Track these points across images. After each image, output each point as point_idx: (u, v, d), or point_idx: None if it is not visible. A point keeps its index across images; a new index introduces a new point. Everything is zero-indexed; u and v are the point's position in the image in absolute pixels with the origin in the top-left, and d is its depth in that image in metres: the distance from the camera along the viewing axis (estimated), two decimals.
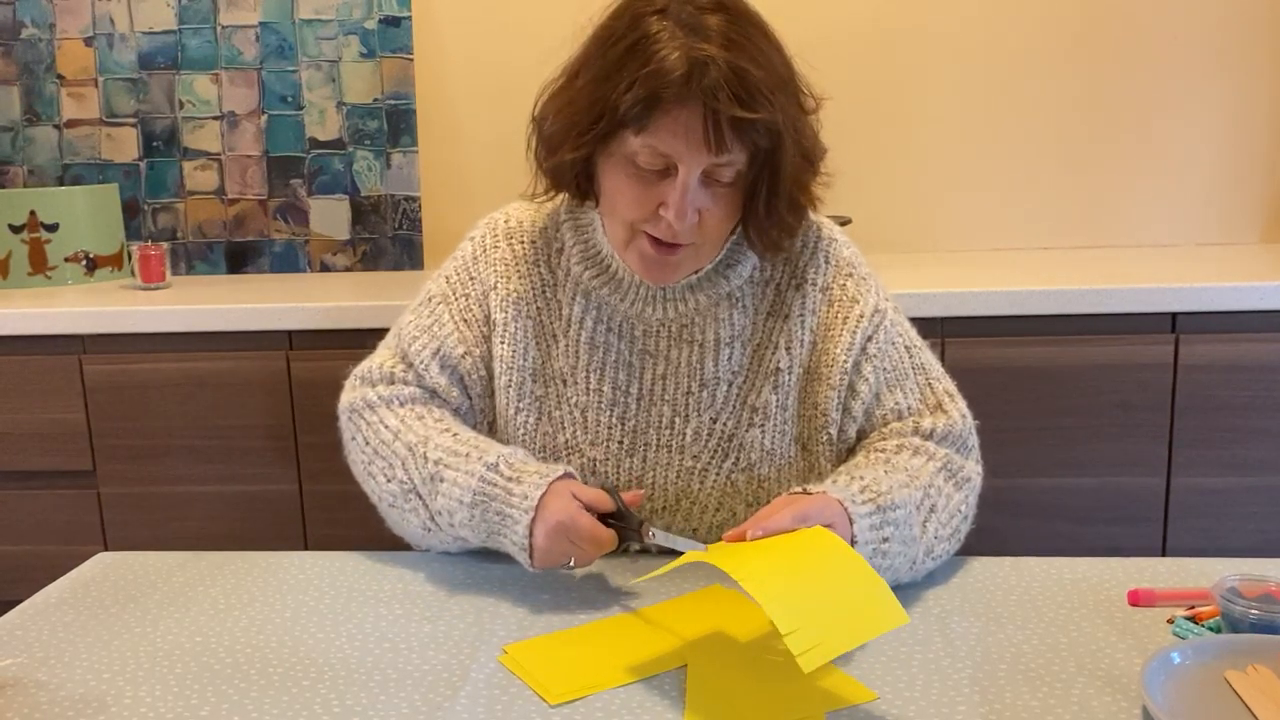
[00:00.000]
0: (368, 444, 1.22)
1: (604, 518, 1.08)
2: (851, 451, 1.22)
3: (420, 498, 1.16)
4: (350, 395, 1.27)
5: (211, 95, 2.40)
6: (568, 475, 1.11)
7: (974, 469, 1.20)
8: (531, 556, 1.08)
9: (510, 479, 1.09)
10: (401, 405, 1.22)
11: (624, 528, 1.08)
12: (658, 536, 1.07)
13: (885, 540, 1.04)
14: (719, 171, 1.08)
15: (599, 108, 1.08)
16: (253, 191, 2.42)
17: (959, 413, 1.20)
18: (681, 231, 1.10)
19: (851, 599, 0.90)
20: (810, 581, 0.91)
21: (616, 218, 1.15)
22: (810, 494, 1.05)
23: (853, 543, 1.01)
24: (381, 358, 1.28)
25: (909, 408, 1.20)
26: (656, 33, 1.06)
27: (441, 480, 1.13)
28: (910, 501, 1.08)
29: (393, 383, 1.25)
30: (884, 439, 1.18)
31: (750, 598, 0.88)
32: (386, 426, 1.21)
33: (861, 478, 1.08)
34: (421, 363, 1.24)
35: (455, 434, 1.17)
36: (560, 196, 1.23)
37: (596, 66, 1.09)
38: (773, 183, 1.10)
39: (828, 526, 0.99)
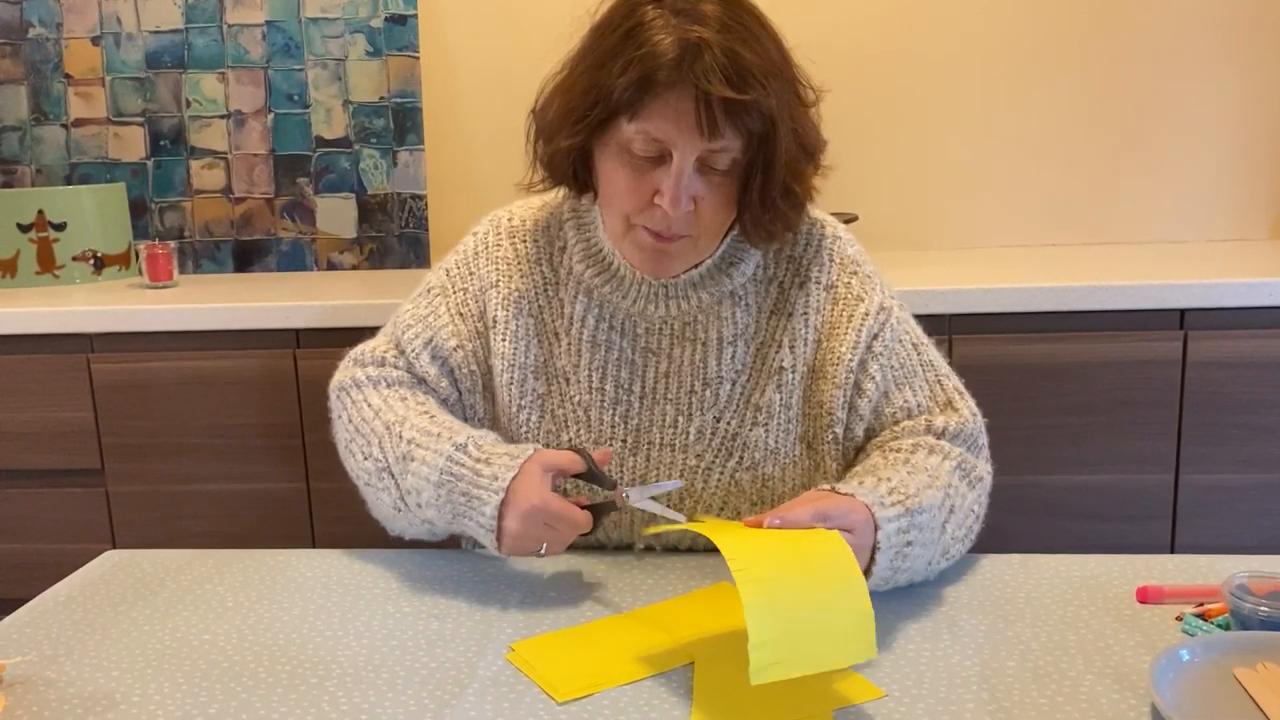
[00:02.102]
0: (350, 422, 1.23)
1: (578, 479, 1.08)
2: (860, 450, 1.21)
3: (392, 476, 1.16)
4: (341, 375, 1.28)
5: (218, 94, 2.40)
6: (536, 452, 1.10)
7: (985, 469, 1.19)
8: (500, 540, 1.07)
9: (479, 460, 1.09)
10: (388, 387, 1.23)
11: (597, 500, 1.08)
12: (632, 498, 1.07)
13: (909, 544, 1.03)
14: (714, 158, 1.08)
15: (594, 94, 1.08)
16: (259, 190, 2.42)
17: (969, 410, 1.20)
18: (676, 221, 1.10)
19: (833, 623, 0.87)
20: (801, 593, 0.89)
21: (613, 209, 1.15)
22: (838, 494, 1.04)
23: (874, 548, 1.00)
24: (376, 342, 1.29)
25: (919, 405, 1.19)
26: (652, 19, 1.06)
27: (412, 459, 1.13)
28: (934, 504, 1.07)
29: (383, 365, 1.26)
30: (897, 438, 1.17)
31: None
32: (369, 405, 1.21)
33: (888, 480, 1.07)
34: (413, 351, 1.24)
35: (433, 416, 1.17)
36: (561, 193, 1.23)
37: (592, 55, 1.10)
38: (767, 170, 1.09)
39: (847, 530, 0.97)
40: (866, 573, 0.99)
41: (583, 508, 1.08)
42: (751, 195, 1.11)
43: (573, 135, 1.11)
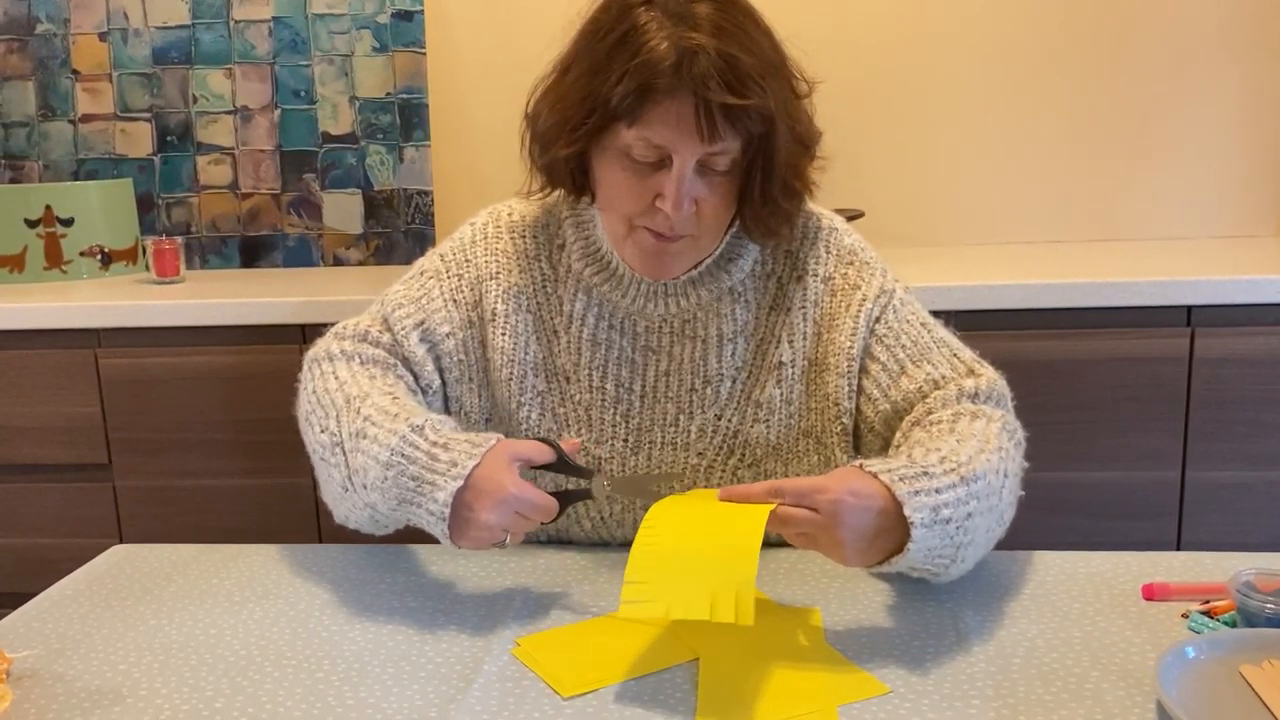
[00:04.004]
0: (314, 393, 1.17)
1: (549, 469, 1.05)
2: (873, 433, 1.18)
3: (344, 453, 1.09)
4: (317, 346, 1.23)
5: (225, 90, 2.40)
6: (500, 441, 1.05)
7: (1020, 427, 1.14)
8: (458, 530, 1.01)
9: (436, 444, 1.03)
10: (360, 364, 1.18)
11: (571, 492, 1.06)
12: (611, 487, 1.07)
13: (969, 515, 0.98)
14: (714, 160, 1.08)
15: (590, 102, 1.07)
16: (266, 186, 2.43)
17: (993, 373, 1.17)
18: (679, 223, 1.09)
19: (708, 581, 0.89)
20: (686, 550, 0.93)
21: (613, 212, 1.14)
22: (863, 472, 0.98)
23: (909, 522, 0.95)
24: (361, 318, 1.25)
25: (943, 376, 1.15)
26: (645, 23, 1.05)
27: (364, 436, 1.06)
28: (990, 468, 1.02)
29: (364, 341, 1.21)
30: (932, 410, 1.13)
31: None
32: (335, 377, 1.16)
33: (938, 449, 1.02)
34: (403, 330, 1.21)
35: (395, 398, 1.11)
36: (559, 192, 1.22)
37: (586, 60, 1.09)
38: (767, 169, 1.09)
39: (812, 509, 0.94)
40: (901, 549, 0.95)
41: (551, 494, 1.04)
42: (753, 194, 1.10)
43: (571, 144, 1.10)
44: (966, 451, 1.02)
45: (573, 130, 1.10)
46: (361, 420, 1.08)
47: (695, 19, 1.05)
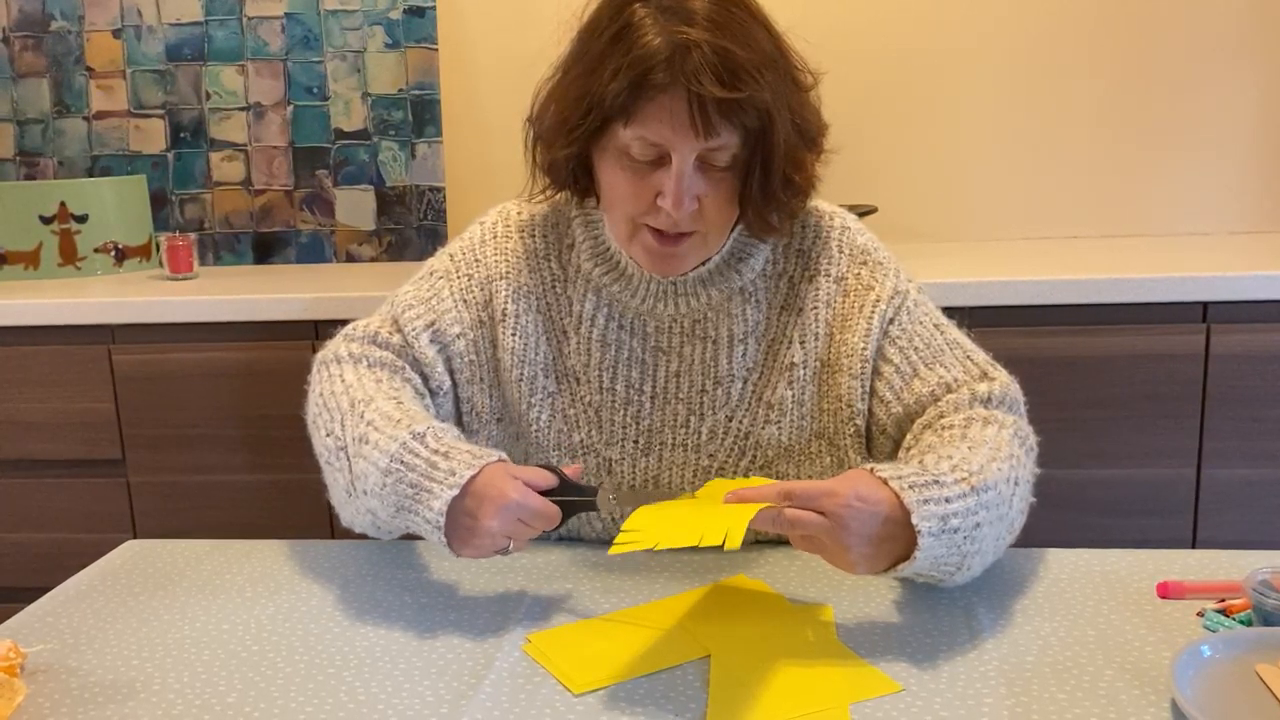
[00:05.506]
0: (321, 396, 1.17)
1: (552, 493, 1.04)
2: (884, 436, 1.18)
3: (348, 458, 1.09)
4: (327, 348, 1.23)
5: (238, 86, 2.41)
6: (501, 459, 1.04)
7: (1033, 433, 1.14)
8: (460, 538, 1.01)
9: (436, 451, 1.02)
10: (368, 367, 1.18)
11: (575, 501, 1.05)
12: (620, 500, 1.07)
13: (978, 525, 0.97)
14: (713, 156, 1.07)
15: (587, 101, 1.07)
16: (279, 182, 2.43)
17: (1006, 376, 1.16)
18: (681, 220, 1.09)
19: (703, 523, 0.92)
20: (686, 510, 0.98)
21: (617, 212, 1.13)
22: (873, 476, 0.97)
23: (916, 530, 0.94)
24: (371, 319, 1.24)
25: (956, 379, 1.15)
26: (640, 20, 1.05)
27: (366, 442, 1.06)
28: (1001, 478, 1.01)
29: (373, 343, 1.21)
30: (944, 415, 1.12)
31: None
32: (342, 380, 1.16)
33: (949, 457, 1.01)
34: (413, 331, 1.20)
35: (400, 403, 1.10)
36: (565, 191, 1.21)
37: (583, 60, 1.08)
38: (766, 163, 1.08)
39: (819, 512, 0.93)
40: (908, 557, 0.95)
41: (555, 502, 1.03)
42: (751, 187, 1.09)
43: (569, 144, 1.10)
44: (978, 460, 1.01)
45: (571, 130, 1.09)
46: (365, 425, 1.08)
47: (690, 14, 1.04)
